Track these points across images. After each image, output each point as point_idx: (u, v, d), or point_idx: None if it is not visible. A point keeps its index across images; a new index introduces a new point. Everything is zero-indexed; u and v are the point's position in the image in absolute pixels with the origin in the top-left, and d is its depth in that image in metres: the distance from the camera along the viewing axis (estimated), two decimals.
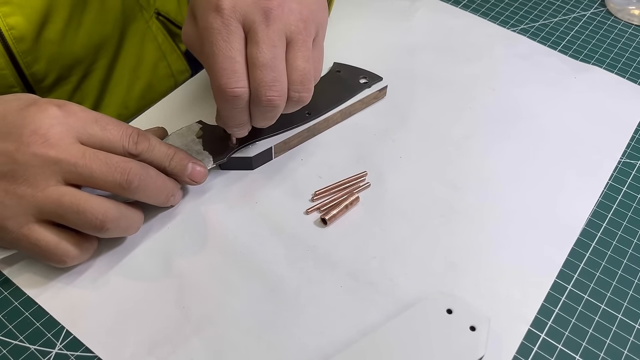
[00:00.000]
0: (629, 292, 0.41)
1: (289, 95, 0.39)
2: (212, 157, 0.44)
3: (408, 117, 0.51)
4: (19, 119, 0.36)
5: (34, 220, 0.36)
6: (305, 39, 0.39)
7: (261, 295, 0.39)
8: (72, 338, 0.37)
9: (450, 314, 0.36)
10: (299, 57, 0.39)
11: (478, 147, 0.49)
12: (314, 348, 0.36)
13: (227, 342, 0.36)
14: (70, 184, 0.36)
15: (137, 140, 0.38)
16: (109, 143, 0.37)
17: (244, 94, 0.37)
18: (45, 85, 0.53)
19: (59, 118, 0.36)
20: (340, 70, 0.52)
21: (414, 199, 0.45)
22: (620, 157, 0.49)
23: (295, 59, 0.39)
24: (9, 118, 0.36)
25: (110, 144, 0.37)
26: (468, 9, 0.64)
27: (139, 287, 0.39)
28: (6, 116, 0.36)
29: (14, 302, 0.38)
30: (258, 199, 0.44)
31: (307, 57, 0.39)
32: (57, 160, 0.35)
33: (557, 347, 0.38)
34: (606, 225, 0.45)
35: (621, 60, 0.59)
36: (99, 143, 0.37)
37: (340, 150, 0.48)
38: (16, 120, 0.36)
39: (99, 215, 0.36)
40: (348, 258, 0.41)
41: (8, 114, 0.36)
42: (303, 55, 0.39)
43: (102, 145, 0.37)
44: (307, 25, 0.39)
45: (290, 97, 0.39)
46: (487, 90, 0.54)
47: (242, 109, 0.39)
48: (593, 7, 0.66)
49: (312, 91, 0.40)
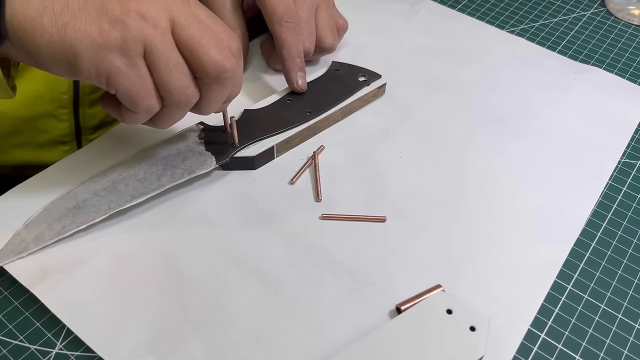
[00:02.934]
0: (629, 292, 0.41)
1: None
2: (215, 158, 0.44)
3: (408, 117, 0.51)
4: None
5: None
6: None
7: (261, 295, 0.39)
8: (72, 338, 0.37)
9: (450, 314, 0.36)
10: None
11: (478, 148, 0.49)
12: (314, 348, 0.36)
13: (227, 342, 0.36)
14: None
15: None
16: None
17: None
18: (90, 99, 0.56)
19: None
20: (339, 68, 0.52)
21: (414, 199, 0.45)
22: (620, 157, 0.49)
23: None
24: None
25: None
26: (468, 9, 0.64)
27: (139, 286, 0.39)
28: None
29: (14, 302, 0.38)
30: (258, 198, 0.44)
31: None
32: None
33: (557, 347, 0.38)
34: (606, 225, 0.45)
35: (621, 61, 0.59)
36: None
37: (341, 151, 0.48)
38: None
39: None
40: (348, 258, 0.41)
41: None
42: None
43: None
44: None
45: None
46: (487, 91, 0.54)
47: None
48: (593, 7, 0.66)
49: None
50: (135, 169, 0.43)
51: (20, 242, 0.39)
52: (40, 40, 0.32)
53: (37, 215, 0.41)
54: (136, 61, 0.34)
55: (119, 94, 0.35)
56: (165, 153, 0.44)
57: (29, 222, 0.40)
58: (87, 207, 0.41)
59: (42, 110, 0.53)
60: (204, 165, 0.43)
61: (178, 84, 0.35)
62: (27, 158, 0.56)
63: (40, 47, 0.32)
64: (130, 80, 0.34)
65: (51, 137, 0.56)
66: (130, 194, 0.42)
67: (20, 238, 0.40)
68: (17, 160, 0.56)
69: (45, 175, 0.45)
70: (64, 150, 0.57)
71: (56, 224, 0.40)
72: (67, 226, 0.40)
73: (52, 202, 0.41)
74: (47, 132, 0.55)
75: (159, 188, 0.42)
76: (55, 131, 0.56)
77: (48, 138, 0.56)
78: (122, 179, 0.43)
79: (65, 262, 0.39)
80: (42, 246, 0.39)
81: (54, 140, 0.56)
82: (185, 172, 0.43)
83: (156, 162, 0.44)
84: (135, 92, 0.35)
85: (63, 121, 0.55)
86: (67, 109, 0.55)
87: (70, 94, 0.54)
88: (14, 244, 0.39)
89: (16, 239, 0.40)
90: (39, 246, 0.39)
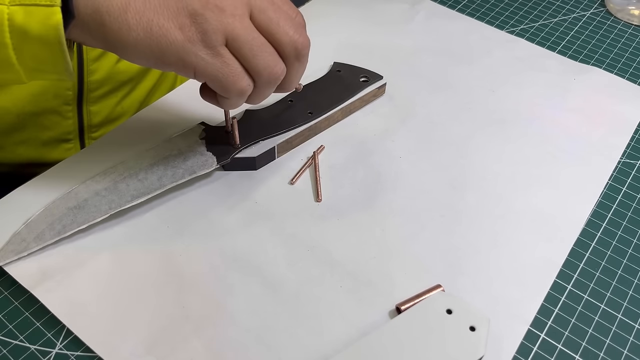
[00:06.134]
0: (628, 292, 0.41)
1: None
2: (216, 158, 0.44)
3: (408, 117, 0.51)
4: None
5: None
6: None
7: (261, 295, 0.39)
8: (72, 338, 0.37)
9: (450, 314, 0.36)
10: None
11: (478, 148, 0.49)
12: (314, 348, 0.36)
13: (227, 342, 0.36)
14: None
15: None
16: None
17: None
18: (94, 96, 0.56)
19: None
20: (340, 69, 0.52)
21: (414, 198, 0.45)
22: (620, 157, 0.49)
23: None
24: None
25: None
26: (468, 9, 0.64)
27: (139, 286, 0.39)
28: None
29: (14, 302, 0.38)
30: (258, 198, 0.44)
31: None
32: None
33: (557, 347, 0.38)
34: (606, 225, 0.45)
35: (621, 61, 0.59)
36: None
37: (341, 151, 0.48)
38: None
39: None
40: (348, 258, 0.41)
41: None
42: None
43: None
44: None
45: None
46: (486, 91, 0.54)
47: None
48: (593, 7, 0.66)
49: None
50: (136, 169, 0.43)
51: (21, 242, 0.39)
52: (127, 37, 0.34)
53: (37, 215, 0.41)
54: (219, 50, 0.35)
55: (209, 82, 0.37)
56: (167, 153, 0.44)
57: (30, 222, 0.40)
58: (88, 207, 0.41)
59: (47, 106, 0.53)
60: (205, 166, 0.43)
61: (265, 64, 0.37)
62: (30, 155, 0.56)
63: (127, 43, 0.34)
64: (216, 68, 0.35)
65: (55, 134, 0.56)
66: (131, 194, 0.42)
67: (21, 237, 0.40)
68: (20, 157, 0.56)
69: (46, 176, 0.45)
70: (66, 148, 0.58)
71: (57, 223, 0.40)
72: (67, 226, 0.40)
73: (53, 202, 0.41)
74: (50, 129, 0.55)
75: (160, 188, 0.42)
76: (58, 128, 0.56)
77: (51, 135, 0.56)
78: (123, 178, 0.43)
79: (66, 263, 0.39)
80: (43, 245, 0.40)
81: (57, 137, 0.56)
82: (186, 172, 0.43)
83: (157, 162, 0.44)
84: (223, 79, 0.36)
85: (67, 118, 0.55)
86: (71, 106, 0.55)
87: (75, 90, 0.54)
88: (15, 244, 0.39)
89: (17, 238, 0.40)
90: (39, 245, 0.39)
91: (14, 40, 0.34)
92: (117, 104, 0.59)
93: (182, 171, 0.43)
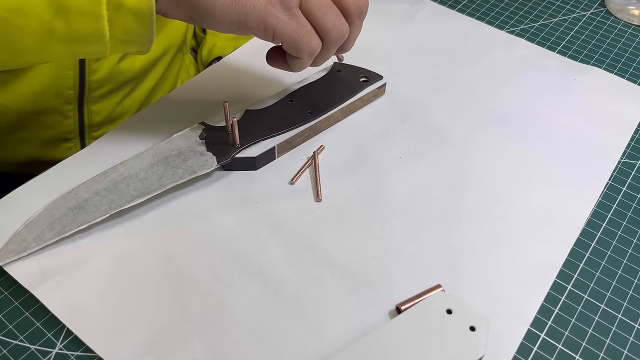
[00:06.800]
0: (628, 292, 0.41)
1: None
2: (216, 158, 0.44)
3: (408, 117, 0.51)
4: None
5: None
6: None
7: (261, 295, 0.39)
8: (72, 338, 0.37)
9: (449, 314, 0.36)
10: None
11: (478, 148, 0.49)
12: (314, 348, 0.36)
13: (227, 342, 0.36)
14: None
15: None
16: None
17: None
18: (95, 95, 0.56)
19: None
20: (340, 69, 0.52)
21: (414, 198, 0.45)
22: (620, 157, 0.49)
23: None
24: None
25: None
26: (468, 9, 0.64)
27: (139, 286, 0.39)
28: None
29: (14, 302, 0.38)
30: (258, 198, 0.44)
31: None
32: None
33: (557, 347, 0.38)
34: (606, 225, 0.45)
35: (621, 61, 0.59)
36: None
37: (341, 151, 0.48)
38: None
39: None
40: (348, 258, 0.41)
41: None
42: None
43: None
44: None
45: None
46: (486, 91, 0.54)
47: None
48: (593, 7, 0.66)
49: None
50: (136, 169, 0.43)
51: (21, 242, 0.39)
52: (214, 4, 0.36)
53: (37, 215, 0.41)
54: (295, 11, 0.38)
55: (285, 43, 0.39)
56: (167, 153, 0.44)
57: (30, 222, 0.40)
58: (88, 207, 0.41)
59: (48, 105, 0.53)
60: (205, 166, 0.43)
61: (333, 23, 0.40)
62: (30, 154, 0.56)
63: (214, 10, 0.37)
64: (293, 29, 0.38)
65: (55, 133, 0.56)
66: (131, 194, 0.42)
67: (21, 237, 0.40)
68: (20, 156, 0.56)
69: (46, 176, 0.45)
70: (67, 148, 0.58)
71: (57, 223, 0.40)
72: (67, 226, 0.40)
73: (53, 202, 0.41)
74: (51, 128, 0.55)
75: (160, 188, 0.42)
76: (59, 127, 0.56)
77: (52, 134, 0.56)
78: (123, 178, 0.43)
79: (66, 263, 0.39)
80: (43, 246, 0.40)
81: (58, 137, 0.56)
82: (186, 172, 0.43)
83: (157, 162, 0.44)
84: (298, 39, 0.39)
85: (68, 117, 0.55)
86: (72, 105, 0.55)
87: (76, 89, 0.54)
88: (15, 244, 0.39)
89: (17, 238, 0.40)
90: (39, 245, 0.39)
91: (110, 12, 0.35)
92: (118, 104, 0.59)
93: (182, 171, 0.43)
